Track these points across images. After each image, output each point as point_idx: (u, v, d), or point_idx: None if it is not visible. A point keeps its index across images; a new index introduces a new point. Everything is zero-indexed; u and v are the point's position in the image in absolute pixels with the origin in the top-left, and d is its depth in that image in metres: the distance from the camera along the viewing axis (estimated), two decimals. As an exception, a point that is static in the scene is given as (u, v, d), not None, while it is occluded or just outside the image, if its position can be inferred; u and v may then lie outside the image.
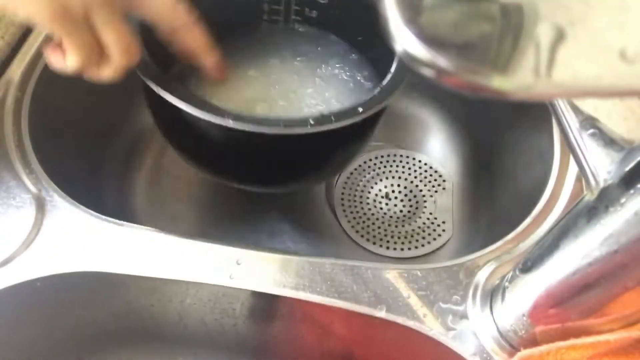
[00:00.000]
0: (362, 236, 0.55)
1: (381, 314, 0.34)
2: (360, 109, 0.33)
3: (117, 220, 0.37)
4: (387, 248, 0.55)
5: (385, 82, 0.36)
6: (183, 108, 0.32)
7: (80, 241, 0.36)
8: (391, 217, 0.57)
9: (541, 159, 0.45)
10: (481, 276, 0.35)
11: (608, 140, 0.22)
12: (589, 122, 0.23)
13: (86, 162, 0.50)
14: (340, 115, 0.33)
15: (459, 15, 0.15)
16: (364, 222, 0.56)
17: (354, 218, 0.57)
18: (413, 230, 0.56)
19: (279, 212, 0.56)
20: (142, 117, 0.59)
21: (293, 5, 0.46)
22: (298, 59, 0.45)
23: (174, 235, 0.36)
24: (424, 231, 0.56)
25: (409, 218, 0.57)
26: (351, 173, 0.59)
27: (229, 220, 0.55)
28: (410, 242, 0.55)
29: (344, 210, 0.57)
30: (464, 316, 0.34)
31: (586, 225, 0.23)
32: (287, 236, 0.55)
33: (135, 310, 0.40)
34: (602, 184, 0.22)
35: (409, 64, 0.14)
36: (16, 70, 0.43)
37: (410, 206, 0.58)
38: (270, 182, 0.43)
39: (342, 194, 0.58)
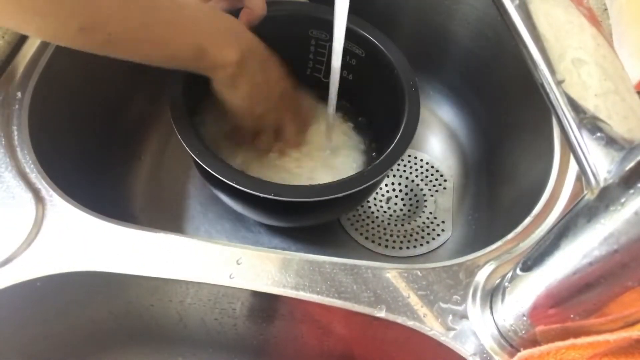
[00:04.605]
0: (361, 234, 0.55)
1: (381, 313, 0.34)
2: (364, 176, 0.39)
3: (117, 220, 0.37)
4: (387, 247, 0.55)
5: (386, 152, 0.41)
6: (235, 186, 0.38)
7: (80, 241, 0.36)
8: (391, 216, 0.57)
9: (541, 158, 0.45)
10: (481, 276, 0.35)
11: (608, 140, 0.22)
12: (589, 121, 0.22)
13: (86, 161, 0.50)
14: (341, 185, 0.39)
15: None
16: (363, 220, 0.56)
17: (354, 216, 0.57)
18: (413, 229, 0.56)
19: (279, 211, 0.56)
20: (142, 117, 0.59)
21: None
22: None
23: (174, 235, 0.36)
24: (423, 230, 0.56)
25: (409, 217, 0.57)
26: (351, 172, 0.59)
27: (228, 220, 0.55)
28: (410, 241, 0.55)
29: (344, 210, 0.57)
30: (464, 316, 0.34)
31: (586, 224, 0.23)
32: (287, 236, 0.55)
33: (135, 310, 0.40)
34: (602, 184, 0.22)
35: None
36: (17, 69, 0.43)
37: (411, 205, 0.58)
38: (293, 221, 0.51)
39: (342, 193, 0.58)
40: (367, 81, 0.51)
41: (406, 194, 0.59)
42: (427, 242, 0.55)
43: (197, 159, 0.39)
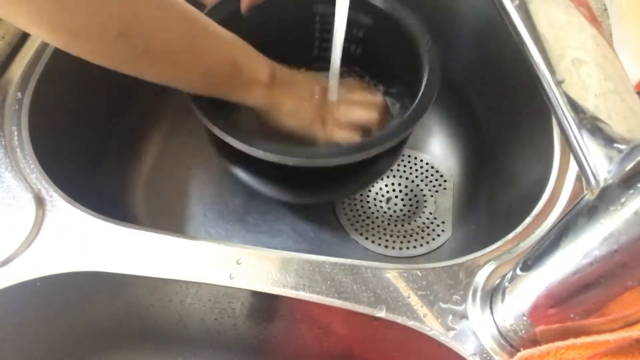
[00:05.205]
0: (361, 234, 0.55)
1: (381, 313, 0.34)
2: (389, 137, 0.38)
3: (117, 220, 0.37)
4: (387, 247, 0.55)
5: (408, 112, 0.40)
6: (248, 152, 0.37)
7: (80, 241, 0.36)
8: (391, 216, 0.57)
9: (541, 158, 0.45)
10: (481, 276, 0.35)
11: (608, 140, 0.22)
12: (589, 121, 0.22)
13: (86, 162, 0.50)
14: (363, 146, 0.37)
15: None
16: (363, 220, 0.56)
17: (354, 217, 0.57)
18: (413, 229, 0.56)
19: (278, 211, 0.56)
20: (142, 118, 0.59)
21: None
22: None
23: (174, 235, 0.36)
24: (423, 231, 0.56)
25: (409, 217, 0.57)
26: (351, 173, 0.59)
27: (229, 220, 0.55)
28: (409, 241, 0.55)
29: (344, 209, 0.57)
30: (464, 316, 0.34)
31: (586, 224, 0.23)
32: (287, 236, 0.55)
33: (135, 310, 0.40)
34: (602, 184, 0.22)
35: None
36: (16, 70, 0.43)
37: (411, 205, 0.58)
38: (307, 194, 0.49)
39: (342, 193, 0.58)
40: (380, 50, 0.49)
41: (406, 194, 0.59)
42: (427, 242, 0.55)
43: (218, 133, 0.37)
